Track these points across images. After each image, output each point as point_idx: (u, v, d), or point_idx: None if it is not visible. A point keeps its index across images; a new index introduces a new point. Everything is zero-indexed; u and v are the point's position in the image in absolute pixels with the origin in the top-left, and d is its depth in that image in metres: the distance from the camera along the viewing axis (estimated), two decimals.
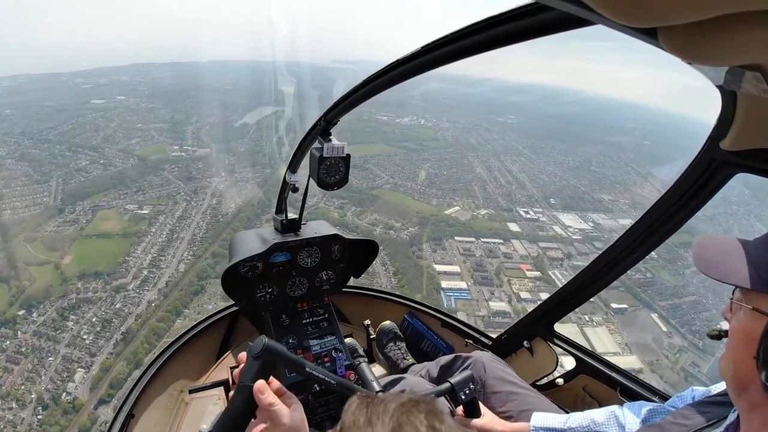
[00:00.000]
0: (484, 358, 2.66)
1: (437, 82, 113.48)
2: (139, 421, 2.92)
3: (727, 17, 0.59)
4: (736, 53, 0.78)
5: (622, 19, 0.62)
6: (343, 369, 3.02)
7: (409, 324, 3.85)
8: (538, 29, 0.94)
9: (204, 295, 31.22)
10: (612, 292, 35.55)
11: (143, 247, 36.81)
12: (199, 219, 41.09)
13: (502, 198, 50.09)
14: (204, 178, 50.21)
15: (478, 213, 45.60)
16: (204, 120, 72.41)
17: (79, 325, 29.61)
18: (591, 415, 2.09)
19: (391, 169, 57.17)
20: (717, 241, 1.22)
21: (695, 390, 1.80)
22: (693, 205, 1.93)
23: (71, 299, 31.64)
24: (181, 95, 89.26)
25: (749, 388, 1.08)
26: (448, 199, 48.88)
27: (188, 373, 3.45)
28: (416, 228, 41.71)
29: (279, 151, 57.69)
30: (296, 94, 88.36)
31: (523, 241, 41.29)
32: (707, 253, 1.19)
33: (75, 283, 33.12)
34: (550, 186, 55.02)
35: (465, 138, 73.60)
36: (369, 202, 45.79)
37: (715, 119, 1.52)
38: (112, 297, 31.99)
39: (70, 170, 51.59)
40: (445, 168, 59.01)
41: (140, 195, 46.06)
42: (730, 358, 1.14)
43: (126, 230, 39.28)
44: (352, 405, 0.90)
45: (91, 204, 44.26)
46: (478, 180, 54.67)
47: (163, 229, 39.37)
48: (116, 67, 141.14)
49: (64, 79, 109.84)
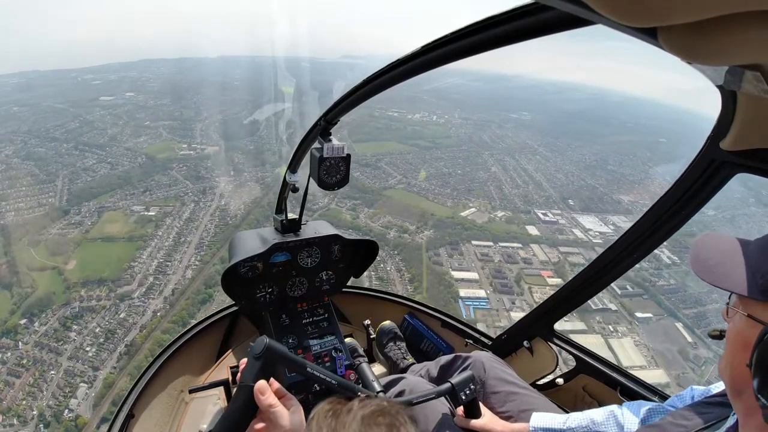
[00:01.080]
0: (484, 358, 2.59)
1: (452, 77, 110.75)
2: (139, 421, 2.85)
3: (727, 17, 0.58)
4: (736, 53, 0.78)
5: (621, 19, 0.61)
6: (343, 369, 2.94)
7: (409, 324, 3.77)
8: (538, 29, 0.93)
9: (212, 303, 29.39)
10: (636, 300, 34.24)
11: (149, 251, 35.18)
12: (207, 221, 39.32)
13: (519, 199, 47.87)
14: (212, 177, 48.50)
15: (495, 215, 43.42)
16: (213, 117, 70.90)
17: (82, 336, 28.25)
18: (590, 415, 2.03)
19: (404, 167, 54.96)
20: (717, 241, 1.17)
21: (695, 389, 1.77)
22: (693, 205, 1.89)
23: (74, 308, 30.31)
24: (190, 91, 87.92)
25: (744, 393, 1.05)
26: (464, 200, 46.66)
27: (188, 373, 3.37)
28: (432, 231, 39.62)
29: (281, 153, 55.98)
30: (296, 92, 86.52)
31: (543, 245, 39.27)
32: (705, 254, 1.15)
33: (78, 290, 31.78)
34: (568, 186, 52.69)
35: (478, 135, 71.17)
36: (382, 203, 43.66)
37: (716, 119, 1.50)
38: (117, 306, 30.50)
39: (76, 169, 50.60)
40: (459, 167, 56.71)
41: (147, 195, 44.48)
42: (727, 360, 1.10)
43: (132, 233, 37.69)
44: (319, 414, 0.93)
45: (97, 205, 42.98)
46: (493, 179, 52.44)
47: (170, 232, 37.68)
48: (126, 63, 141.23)
49: (74, 75, 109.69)
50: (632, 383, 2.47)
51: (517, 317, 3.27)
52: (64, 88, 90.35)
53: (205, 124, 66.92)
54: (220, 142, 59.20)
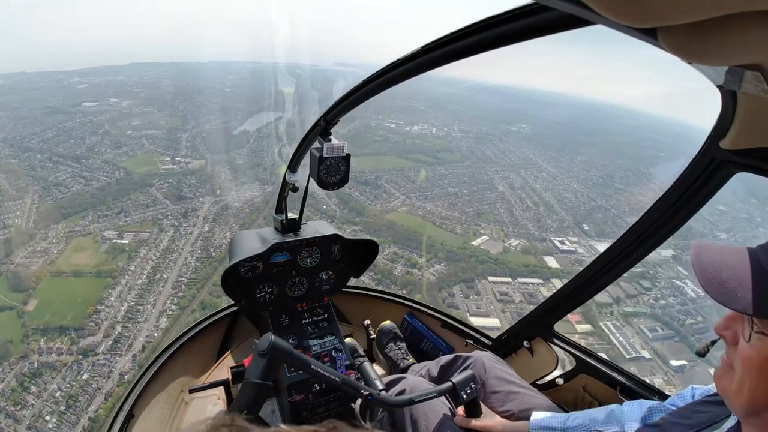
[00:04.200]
0: (485, 358, 2.58)
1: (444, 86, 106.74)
2: (139, 421, 2.77)
3: (727, 17, 0.58)
4: (736, 53, 0.77)
5: (621, 19, 0.61)
6: (343, 369, 2.82)
7: (409, 324, 3.67)
8: (538, 29, 0.92)
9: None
10: (667, 344, 30.13)
11: (119, 291, 29.20)
12: (188, 253, 33.28)
13: (532, 224, 42.93)
14: (196, 197, 42.44)
15: (510, 244, 38.35)
16: (201, 126, 64.66)
17: (41, 401, 22.80)
18: (591, 414, 2.00)
19: (406, 186, 49.59)
20: (719, 254, 1.03)
21: (695, 388, 1.72)
22: (693, 204, 1.85)
23: (32, 363, 24.79)
24: (178, 98, 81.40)
25: (763, 413, 1.01)
26: (474, 225, 41.48)
27: (188, 373, 3.27)
28: (443, 265, 34.27)
29: (279, 165, 49.80)
30: (296, 95, 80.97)
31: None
32: (718, 275, 0.99)
33: (38, 338, 26.17)
34: (579, 208, 48.06)
35: (480, 149, 66.15)
36: (386, 230, 38.17)
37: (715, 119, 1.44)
38: (79, 363, 24.82)
39: (48, 185, 44.54)
40: (465, 185, 51.49)
41: (122, 218, 38.40)
42: (747, 385, 1.00)
43: (101, 267, 31.66)
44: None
45: (66, 229, 37.05)
46: (502, 200, 47.40)
47: (144, 266, 31.65)
48: (114, 67, 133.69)
49: (60, 77, 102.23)
50: (632, 383, 2.40)
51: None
52: (48, 91, 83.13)
53: (192, 134, 60.71)
54: (206, 155, 53.04)
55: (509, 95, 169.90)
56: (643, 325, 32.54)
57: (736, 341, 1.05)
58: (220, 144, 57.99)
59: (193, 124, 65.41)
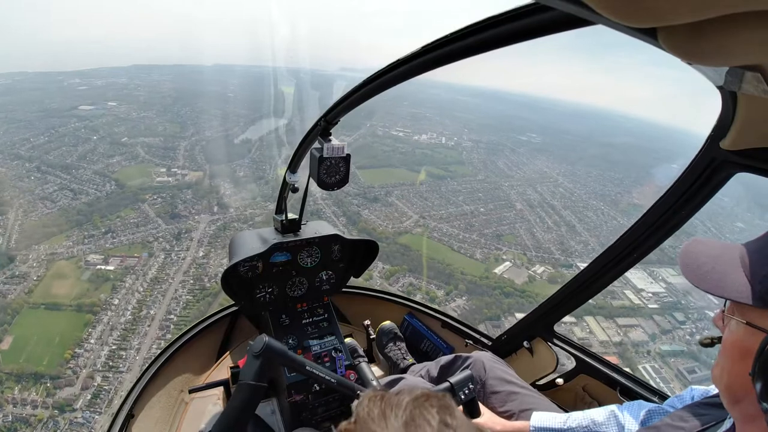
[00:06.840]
0: (484, 358, 2.49)
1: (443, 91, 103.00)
2: (139, 421, 2.66)
3: (727, 17, 0.57)
4: (736, 53, 0.76)
5: (621, 19, 0.60)
6: (343, 369, 2.76)
7: (409, 324, 3.55)
8: (538, 29, 0.91)
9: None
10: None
11: (100, 330, 25.12)
12: (178, 284, 29.12)
13: (555, 247, 38.93)
14: (191, 215, 38.29)
15: (535, 272, 34.30)
16: (201, 134, 60.49)
17: None
18: (591, 415, 1.95)
19: (419, 204, 45.55)
20: (706, 246, 1.08)
21: (694, 390, 1.71)
22: (693, 204, 1.82)
23: (6, 416, 21.46)
24: (179, 103, 77.25)
25: (743, 401, 1.01)
26: (495, 249, 37.42)
27: (188, 373, 3.15)
28: (464, 299, 30.20)
29: (276, 181, 45.32)
30: (296, 97, 76.99)
31: (599, 317, 30.35)
32: (697, 260, 1.05)
33: (12, 386, 22.63)
34: (602, 228, 44.09)
35: (492, 162, 62.21)
36: (399, 256, 34.05)
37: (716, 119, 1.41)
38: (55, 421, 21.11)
39: (34, 198, 40.59)
40: (480, 202, 47.34)
41: (109, 239, 34.25)
42: (723, 369, 1.04)
43: (82, 299, 27.59)
44: (366, 398, 0.90)
45: (48, 250, 32.97)
46: (521, 220, 43.36)
47: (130, 298, 27.54)
48: (116, 68, 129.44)
49: (61, 78, 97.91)
50: (632, 383, 2.35)
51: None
52: (47, 92, 78.88)
53: (191, 143, 56.59)
54: (205, 166, 48.85)
55: (513, 101, 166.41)
56: (681, 365, 29.02)
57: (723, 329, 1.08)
58: (220, 154, 53.83)
59: (192, 130, 61.30)
